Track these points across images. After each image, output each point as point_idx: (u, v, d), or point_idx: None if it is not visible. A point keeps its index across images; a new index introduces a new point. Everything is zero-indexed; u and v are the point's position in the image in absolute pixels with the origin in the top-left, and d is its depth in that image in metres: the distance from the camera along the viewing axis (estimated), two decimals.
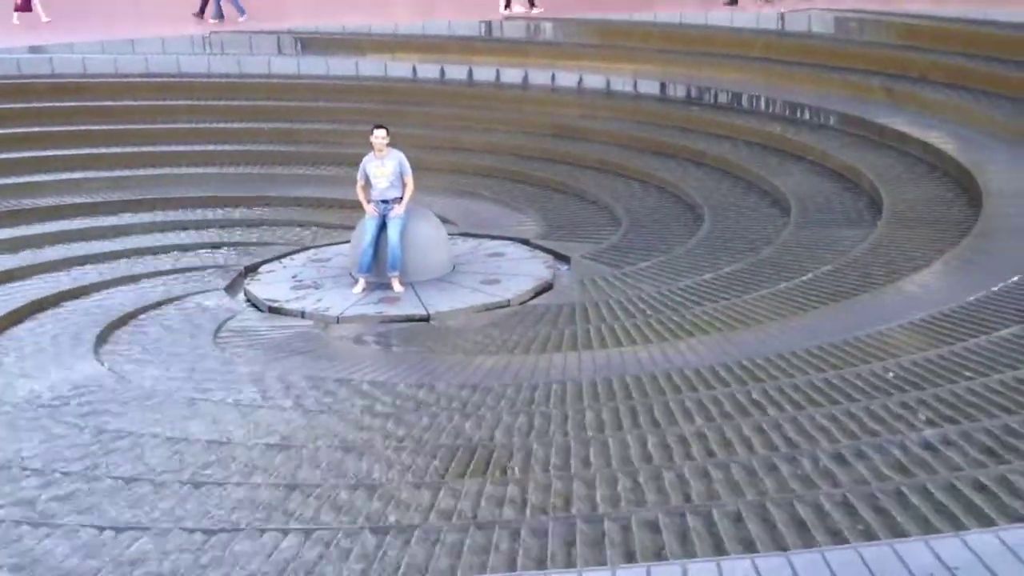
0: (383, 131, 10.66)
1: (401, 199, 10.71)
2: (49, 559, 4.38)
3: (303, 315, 10.31)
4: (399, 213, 10.68)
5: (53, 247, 12.47)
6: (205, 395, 7.61)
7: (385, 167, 10.65)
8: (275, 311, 10.52)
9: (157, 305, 10.50)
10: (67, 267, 11.75)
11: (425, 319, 10.07)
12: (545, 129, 15.84)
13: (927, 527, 3.87)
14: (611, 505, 4.58)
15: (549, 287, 10.71)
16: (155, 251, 12.51)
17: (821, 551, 3.35)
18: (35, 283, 11.20)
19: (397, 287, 10.65)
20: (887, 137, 12.49)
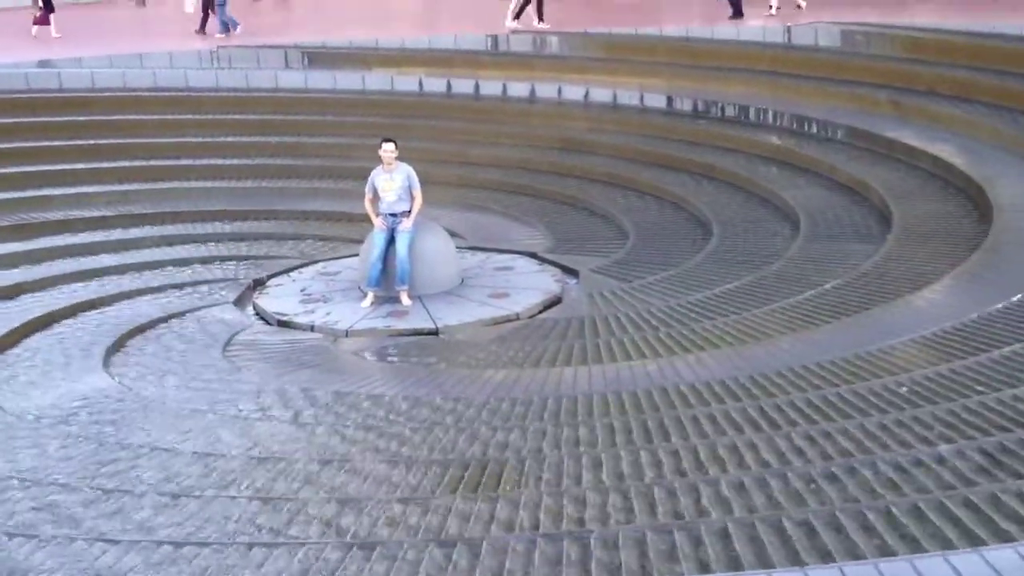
0: (392, 144, 10.66)
1: (409, 213, 10.73)
2: None
3: (312, 328, 10.31)
4: (407, 227, 10.68)
5: (63, 260, 12.49)
6: (213, 408, 7.63)
7: (394, 180, 10.65)
8: (284, 324, 10.52)
9: (166, 319, 10.50)
10: (75, 280, 11.76)
11: (434, 333, 10.06)
12: (552, 143, 15.85)
13: (945, 543, 3.85)
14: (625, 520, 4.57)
15: (558, 301, 10.69)
16: (163, 265, 12.52)
17: (839, 566, 3.34)
18: (44, 296, 11.22)
19: (405, 301, 10.64)
20: (896, 151, 12.47)
